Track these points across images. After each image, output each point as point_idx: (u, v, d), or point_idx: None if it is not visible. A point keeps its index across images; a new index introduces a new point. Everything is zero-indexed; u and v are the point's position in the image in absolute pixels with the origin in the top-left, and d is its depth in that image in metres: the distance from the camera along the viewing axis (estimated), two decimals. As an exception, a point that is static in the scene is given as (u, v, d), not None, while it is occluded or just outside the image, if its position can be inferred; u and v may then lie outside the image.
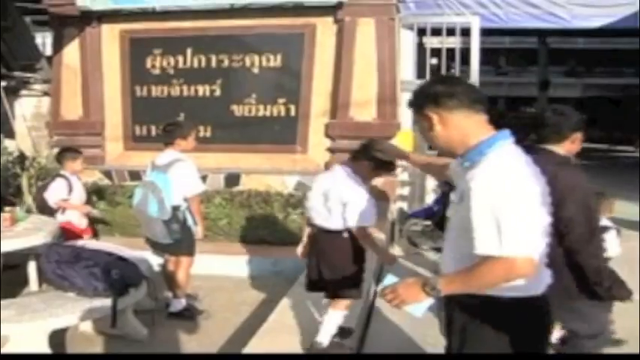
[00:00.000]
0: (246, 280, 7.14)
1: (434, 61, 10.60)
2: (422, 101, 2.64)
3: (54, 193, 6.90)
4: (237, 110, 10.09)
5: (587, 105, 27.14)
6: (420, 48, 10.63)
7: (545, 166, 2.63)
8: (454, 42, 10.11)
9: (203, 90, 10.22)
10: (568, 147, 3.77)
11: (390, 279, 2.60)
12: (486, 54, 11.69)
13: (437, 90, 2.60)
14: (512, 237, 2.32)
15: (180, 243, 5.94)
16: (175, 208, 5.83)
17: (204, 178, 9.04)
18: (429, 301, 2.52)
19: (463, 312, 2.64)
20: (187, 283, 6.15)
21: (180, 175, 5.85)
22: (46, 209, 6.94)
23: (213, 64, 10.18)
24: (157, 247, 6.17)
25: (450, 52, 9.99)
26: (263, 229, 8.02)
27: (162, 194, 5.75)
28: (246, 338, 4.81)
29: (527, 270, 2.36)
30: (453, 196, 2.75)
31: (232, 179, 9.74)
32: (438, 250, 7.84)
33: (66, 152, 7.17)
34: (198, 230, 6.07)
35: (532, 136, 3.87)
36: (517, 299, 2.50)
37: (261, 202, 8.72)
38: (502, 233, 2.33)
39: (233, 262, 7.28)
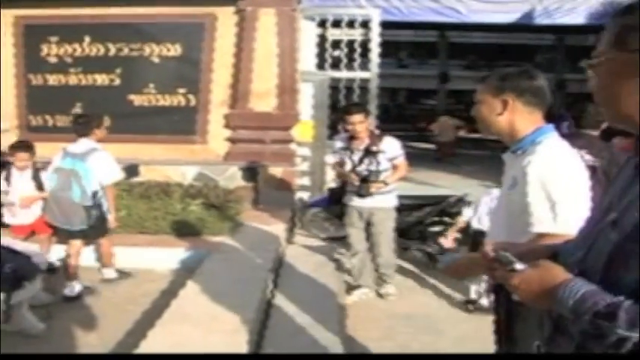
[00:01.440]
0: (146, 271, 7.07)
1: (335, 52, 10.72)
2: (505, 87, 2.78)
3: None
4: (137, 100, 10.00)
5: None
6: (322, 39, 10.73)
7: None
8: (355, 34, 10.27)
9: (101, 79, 10.07)
10: None
11: (450, 256, 2.76)
12: (388, 47, 11.90)
13: (525, 84, 2.77)
14: (565, 216, 2.54)
15: (98, 227, 6.37)
16: (94, 194, 6.22)
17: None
18: None
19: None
20: (114, 258, 6.79)
21: (99, 164, 6.27)
22: None
23: (112, 52, 10.02)
24: (68, 235, 6.39)
25: (351, 44, 10.14)
26: (162, 220, 7.96)
27: (84, 181, 6.14)
28: (147, 329, 4.80)
29: None
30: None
31: (131, 170, 9.59)
32: (336, 239, 7.99)
33: (13, 146, 6.92)
34: (111, 218, 6.51)
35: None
36: None
37: (161, 193, 8.63)
38: (557, 213, 2.57)
39: (132, 254, 7.18)
